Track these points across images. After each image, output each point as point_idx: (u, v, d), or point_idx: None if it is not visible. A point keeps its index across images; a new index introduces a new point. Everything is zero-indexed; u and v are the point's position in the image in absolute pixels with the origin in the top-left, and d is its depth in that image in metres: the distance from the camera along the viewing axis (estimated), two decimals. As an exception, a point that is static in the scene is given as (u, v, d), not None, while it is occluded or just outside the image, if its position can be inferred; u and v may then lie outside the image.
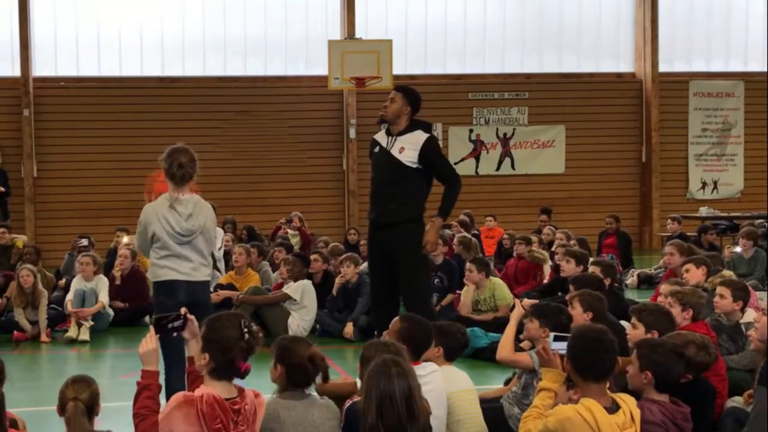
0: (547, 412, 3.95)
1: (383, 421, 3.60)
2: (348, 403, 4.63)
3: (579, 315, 5.83)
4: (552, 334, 4.24)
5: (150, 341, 4.10)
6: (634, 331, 5.63)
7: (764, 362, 4.63)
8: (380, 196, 7.54)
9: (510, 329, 5.70)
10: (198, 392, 3.87)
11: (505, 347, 5.54)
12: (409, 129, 7.45)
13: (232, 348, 3.87)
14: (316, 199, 18.92)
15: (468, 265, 9.88)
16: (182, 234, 5.85)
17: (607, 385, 4.05)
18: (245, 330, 3.90)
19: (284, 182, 18.89)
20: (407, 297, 7.39)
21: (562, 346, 4.24)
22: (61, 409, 4.12)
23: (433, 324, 5.52)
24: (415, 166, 7.37)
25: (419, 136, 7.42)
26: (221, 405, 3.82)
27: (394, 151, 7.42)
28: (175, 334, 4.24)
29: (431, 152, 7.41)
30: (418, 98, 7.57)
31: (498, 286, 9.88)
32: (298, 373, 4.37)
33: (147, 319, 11.12)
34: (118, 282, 11.21)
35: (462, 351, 5.83)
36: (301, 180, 18.93)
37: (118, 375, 8.13)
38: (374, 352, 4.50)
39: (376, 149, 7.59)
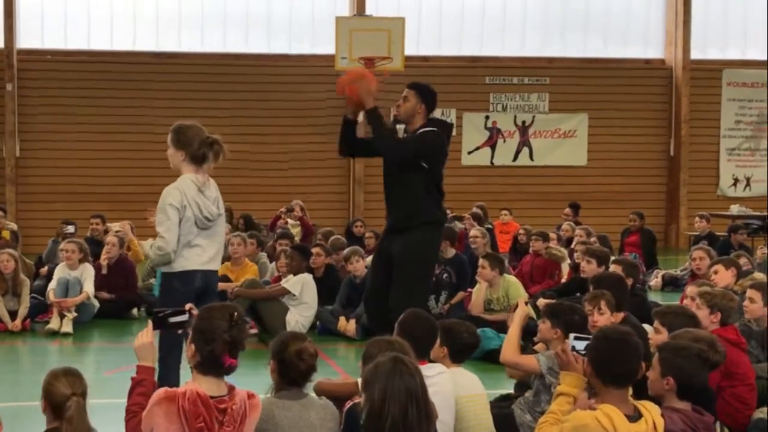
0: (564, 418, 3.95)
1: (390, 422, 3.60)
2: (348, 404, 4.65)
3: (606, 319, 5.84)
4: (572, 335, 4.23)
5: (146, 335, 4.12)
6: (656, 335, 5.63)
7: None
8: (388, 196, 7.60)
9: (514, 330, 5.71)
10: (182, 388, 3.88)
11: (508, 348, 5.55)
12: (422, 128, 7.50)
13: (215, 339, 3.89)
14: (319, 188, 18.94)
15: (481, 261, 9.88)
16: (210, 219, 5.88)
17: (629, 391, 4.06)
18: (233, 322, 3.91)
19: (285, 168, 18.91)
20: (391, 296, 7.40)
21: (582, 347, 4.23)
22: (53, 406, 3.99)
23: (440, 322, 5.54)
24: (420, 161, 7.42)
25: None
26: (205, 403, 3.82)
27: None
28: (180, 332, 4.25)
29: (419, 132, 7.43)
30: (434, 95, 7.60)
31: (512, 284, 9.88)
32: (288, 368, 4.40)
33: (134, 311, 11.18)
34: (104, 271, 11.24)
35: (471, 352, 5.83)
36: (304, 167, 18.95)
37: (103, 370, 8.14)
38: (377, 350, 4.52)
39: None
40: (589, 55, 20.23)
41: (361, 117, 7.70)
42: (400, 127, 7.70)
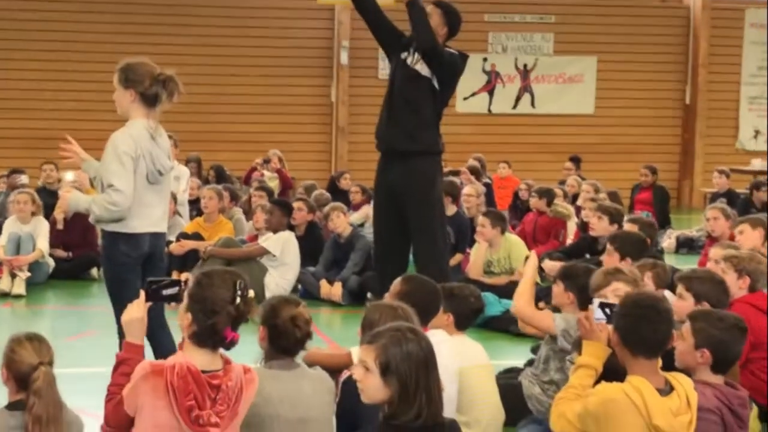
0: (587, 392, 3.96)
1: (420, 395, 3.60)
2: (345, 374, 4.66)
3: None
4: (597, 301, 4.23)
5: (137, 308, 4.07)
6: (680, 302, 5.66)
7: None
8: (393, 118, 7.62)
9: (527, 280, 5.71)
10: (170, 360, 3.86)
11: (521, 300, 5.56)
12: None
13: (218, 312, 3.85)
14: (298, 136, 18.87)
15: (480, 218, 9.90)
16: (162, 173, 5.74)
17: (659, 363, 4.07)
18: (239, 293, 3.89)
19: (260, 114, 18.81)
20: (418, 250, 7.48)
21: (606, 315, 4.22)
22: (18, 377, 3.93)
23: (441, 286, 5.54)
24: (432, 78, 7.51)
25: None
26: (196, 378, 3.80)
27: (417, 65, 7.59)
28: (173, 304, 4.21)
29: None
30: (459, 19, 7.71)
31: (514, 244, 9.91)
32: (281, 336, 4.40)
33: (94, 271, 11.15)
34: (60, 227, 11.18)
35: (475, 318, 5.87)
36: (281, 113, 18.85)
37: (60, 336, 8.14)
38: (379, 316, 4.53)
39: (403, 56, 7.71)
40: (600, -10, 20.15)
41: None
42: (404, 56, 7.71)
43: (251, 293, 4.01)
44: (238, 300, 3.89)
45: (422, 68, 7.58)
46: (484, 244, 9.79)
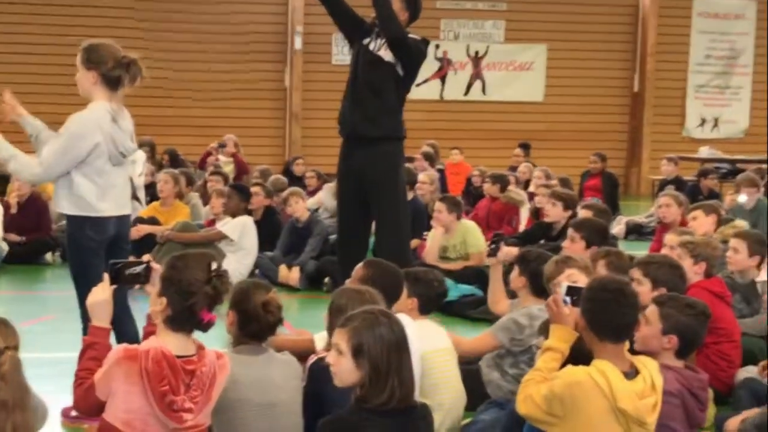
0: (553, 375, 4.00)
1: (392, 378, 3.62)
2: (312, 359, 4.66)
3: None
4: (565, 285, 4.27)
5: (101, 291, 4.02)
6: (638, 287, 5.70)
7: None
8: (356, 104, 7.61)
9: (495, 276, 5.83)
10: (144, 345, 3.83)
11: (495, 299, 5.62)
12: None
13: (194, 293, 3.82)
14: (251, 121, 18.80)
15: (437, 204, 9.93)
16: (125, 155, 5.69)
17: (626, 346, 4.12)
18: (213, 273, 3.87)
19: (214, 99, 18.70)
20: (381, 235, 7.48)
21: (573, 298, 4.27)
22: None
23: (405, 271, 5.56)
24: (396, 64, 7.48)
25: None
26: (171, 363, 3.77)
27: (380, 51, 7.55)
28: (138, 287, 4.16)
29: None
30: (420, 4, 7.67)
31: (470, 230, 9.95)
32: (251, 321, 4.39)
33: (48, 256, 11.05)
34: (14, 210, 11.07)
35: (439, 302, 5.89)
36: (235, 98, 18.76)
37: (16, 321, 8.05)
38: (346, 301, 4.53)
39: (365, 41, 7.67)
40: (551, -21, 20.25)
41: None
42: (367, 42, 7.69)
43: (225, 271, 4.00)
44: (214, 280, 3.87)
45: (385, 54, 7.55)
46: (440, 230, 9.83)
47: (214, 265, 3.90)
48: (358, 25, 7.77)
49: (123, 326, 5.55)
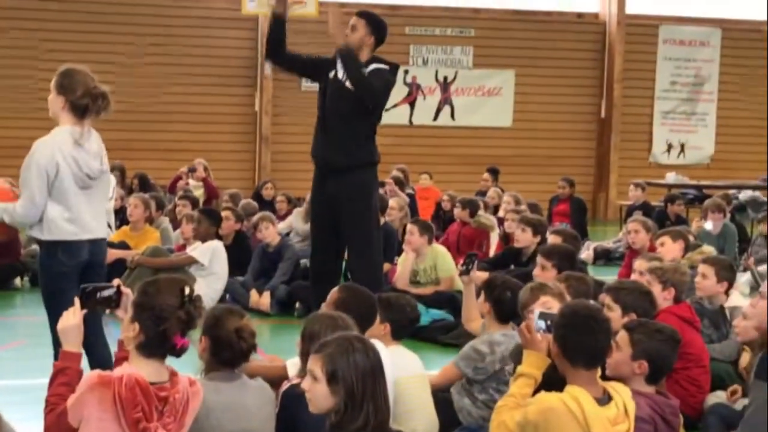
0: (527, 401, 4.02)
1: (367, 404, 3.61)
2: (286, 385, 4.64)
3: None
4: (537, 311, 4.29)
5: (72, 315, 3.99)
6: (608, 313, 5.72)
7: (763, 353, 4.77)
8: (328, 134, 7.60)
9: (468, 294, 5.91)
10: (117, 372, 3.81)
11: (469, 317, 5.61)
12: (368, 63, 7.56)
13: (167, 318, 3.80)
14: (221, 145, 18.76)
15: (409, 226, 9.94)
16: (91, 176, 5.65)
17: (598, 372, 4.14)
18: (186, 298, 3.85)
19: (184, 122, 18.64)
20: (353, 260, 7.48)
21: (546, 325, 4.28)
22: None
23: (378, 296, 5.56)
24: (371, 107, 7.47)
25: (375, 65, 7.56)
26: (144, 390, 3.75)
27: (344, 78, 7.52)
28: (108, 311, 4.13)
29: (375, 71, 7.50)
30: (384, 27, 7.69)
31: (440, 254, 9.96)
32: (224, 348, 4.37)
33: (18, 281, 10.95)
34: (-19, 235, 10.96)
35: (411, 328, 5.90)
36: (205, 121, 18.70)
37: (-15, 347, 8.01)
38: (319, 327, 4.52)
39: (332, 74, 7.62)
40: (518, 6, 20.38)
41: (289, 12, 7.66)
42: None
43: (198, 296, 3.98)
44: (187, 305, 3.85)
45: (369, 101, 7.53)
46: (411, 254, 9.83)
47: (186, 290, 3.88)
48: (320, 66, 7.76)
49: (96, 351, 5.52)
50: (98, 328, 5.55)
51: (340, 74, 7.60)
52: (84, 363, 4.25)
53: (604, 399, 4.03)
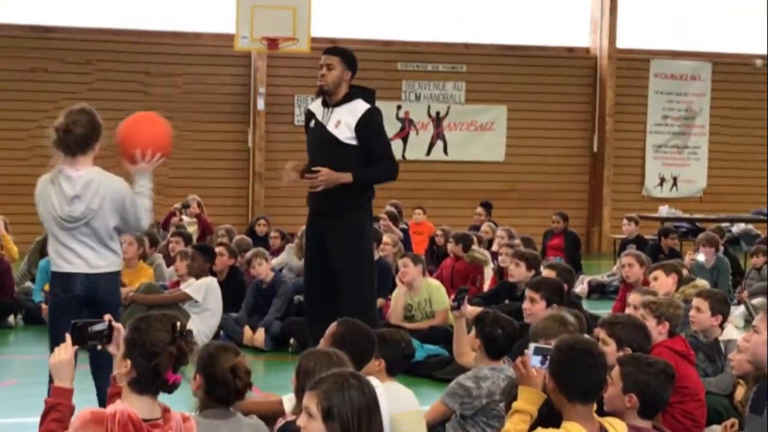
0: (523, 438, 4.01)
1: None
2: (280, 422, 4.63)
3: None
4: (532, 346, 4.28)
5: (64, 350, 3.98)
6: (603, 347, 5.73)
7: (757, 387, 4.78)
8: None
9: (459, 328, 5.97)
10: (110, 408, 3.79)
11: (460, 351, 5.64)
12: (347, 98, 7.56)
13: (159, 354, 3.79)
14: (215, 182, 18.79)
15: (401, 260, 9.93)
16: (65, 219, 5.67)
17: (594, 407, 4.13)
18: (177, 333, 3.85)
19: (177, 159, 18.53)
20: (344, 298, 7.44)
21: (542, 360, 4.28)
22: None
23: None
24: (354, 143, 7.46)
25: (358, 107, 7.55)
26: (137, 427, 3.72)
27: (330, 126, 7.52)
28: (99, 347, 4.11)
29: (368, 126, 7.54)
30: (356, 60, 7.74)
31: (435, 288, 9.97)
32: (218, 386, 4.35)
33: (11, 318, 10.92)
34: (-25, 272, 10.95)
35: (406, 364, 5.90)
36: (198, 158, 18.72)
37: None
38: (314, 363, 4.52)
39: (312, 123, 7.64)
40: (510, 41, 20.47)
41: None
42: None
43: (192, 332, 3.98)
44: (178, 340, 3.85)
45: (340, 133, 7.50)
46: (404, 288, 9.83)
47: (178, 326, 3.88)
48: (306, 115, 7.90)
49: (101, 382, 5.50)
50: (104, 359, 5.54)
51: (325, 119, 7.59)
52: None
53: (600, 435, 4.03)
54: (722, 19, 20.97)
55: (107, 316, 4.20)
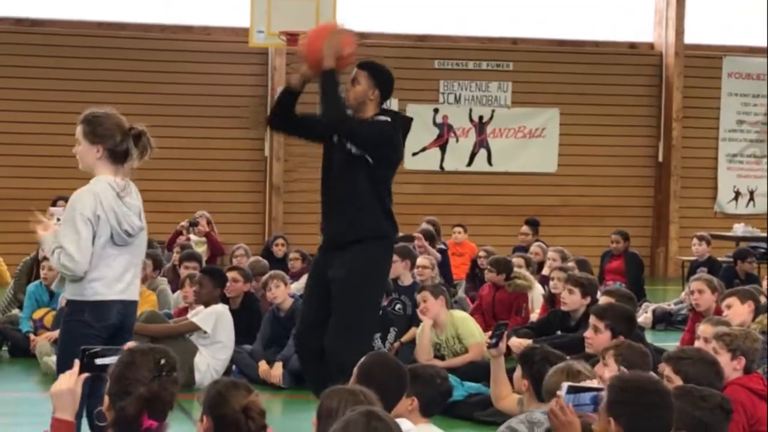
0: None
1: None
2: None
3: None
4: (565, 385, 4.26)
5: (67, 379, 4.00)
6: (669, 385, 5.71)
7: None
8: (331, 208, 7.63)
9: (496, 368, 5.91)
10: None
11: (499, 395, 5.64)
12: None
13: (129, 393, 3.81)
14: (227, 195, 18.86)
15: (421, 294, 9.88)
16: (130, 233, 5.86)
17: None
18: (158, 372, 3.85)
19: (185, 170, 18.74)
20: (329, 329, 7.42)
21: (581, 401, 4.28)
22: None
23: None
24: (363, 154, 7.42)
25: None
26: None
27: (350, 145, 7.47)
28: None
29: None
30: (391, 80, 7.63)
31: (461, 320, 9.99)
32: (229, 429, 4.36)
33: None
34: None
35: (443, 403, 5.89)
36: (208, 168, 18.83)
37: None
38: (337, 403, 4.52)
39: (335, 138, 7.60)
40: (562, 36, 20.48)
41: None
42: None
43: (176, 374, 3.98)
44: (155, 380, 3.85)
45: (353, 145, 7.46)
46: (429, 322, 9.80)
47: (162, 363, 3.88)
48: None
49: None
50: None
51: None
52: None
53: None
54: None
55: (130, 343, 4.25)
